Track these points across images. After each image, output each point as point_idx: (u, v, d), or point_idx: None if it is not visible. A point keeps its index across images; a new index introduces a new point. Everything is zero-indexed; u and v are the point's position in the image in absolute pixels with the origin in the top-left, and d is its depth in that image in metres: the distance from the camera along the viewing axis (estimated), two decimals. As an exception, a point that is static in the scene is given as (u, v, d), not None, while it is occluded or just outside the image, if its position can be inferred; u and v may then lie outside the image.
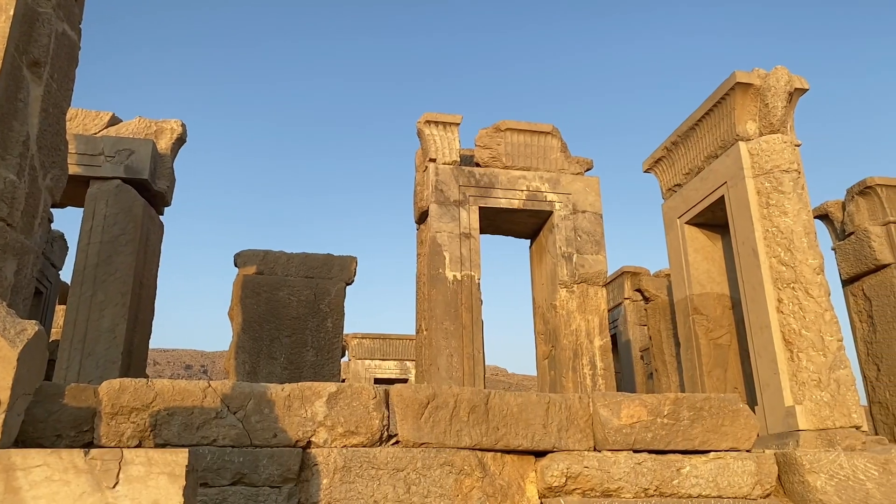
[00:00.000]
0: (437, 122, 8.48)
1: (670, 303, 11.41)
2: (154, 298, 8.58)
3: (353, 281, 9.76)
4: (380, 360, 17.40)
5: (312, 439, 4.60)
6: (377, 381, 17.49)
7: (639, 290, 11.95)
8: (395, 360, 17.52)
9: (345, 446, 4.61)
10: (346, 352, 17.86)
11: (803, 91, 6.98)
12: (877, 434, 8.99)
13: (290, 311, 9.25)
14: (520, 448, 4.79)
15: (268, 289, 9.35)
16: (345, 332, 17.96)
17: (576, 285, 8.36)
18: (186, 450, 2.69)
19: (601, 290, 8.40)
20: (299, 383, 4.73)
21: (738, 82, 6.91)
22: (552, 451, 4.80)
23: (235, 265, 9.71)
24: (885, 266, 8.97)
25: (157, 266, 8.73)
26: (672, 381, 11.05)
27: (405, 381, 17.41)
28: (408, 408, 4.69)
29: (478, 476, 4.59)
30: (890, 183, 9.20)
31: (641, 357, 12.62)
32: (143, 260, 8.15)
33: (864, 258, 9.15)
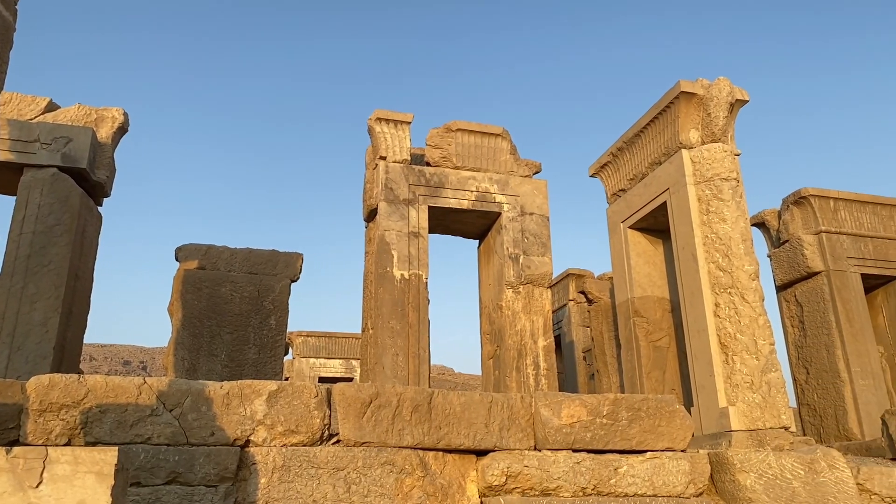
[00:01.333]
0: (388, 120, 8.44)
1: (612, 305, 11.65)
2: (90, 292, 8.29)
3: (298, 278, 9.63)
4: (325, 358, 17.22)
5: (251, 438, 4.52)
6: (322, 379, 17.31)
7: (583, 292, 12.16)
8: (340, 358, 17.38)
9: (284, 445, 4.54)
10: (291, 350, 17.62)
11: (744, 102, 7.21)
12: (805, 435, 9.36)
13: (233, 308, 9.07)
14: (462, 447, 4.81)
15: (210, 284, 9.15)
16: (289, 329, 17.72)
17: (522, 286, 8.44)
18: (116, 448, 2.61)
19: (546, 292, 8.50)
20: (239, 381, 4.65)
21: (683, 91, 7.10)
22: (494, 451, 4.84)
23: (177, 259, 9.47)
24: (816, 273, 9.34)
25: (95, 258, 8.44)
26: (613, 382, 11.27)
27: (351, 379, 17.28)
28: (350, 407, 4.65)
29: (419, 475, 4.59)
30: (823, 194, 9.59)
31: (584, 358, 12.83)
32: (79, 252, 7.87)
33: (797, 266, 9.51)
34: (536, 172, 9.19)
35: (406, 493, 4.52)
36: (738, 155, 7.11)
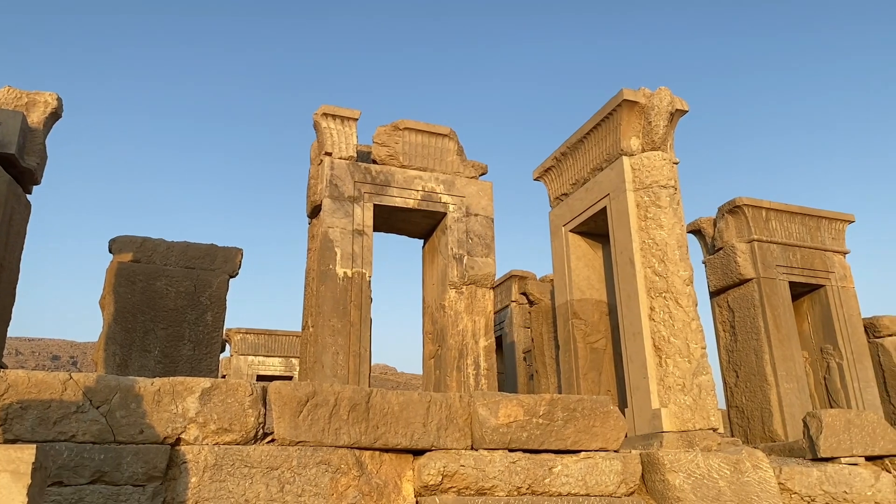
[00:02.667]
0: (334, 116, 8.35)
1: (553, 307, 11.83)
2: (16, 283, 7.93)
3: (237, 273, 9.43)
4: (264, 356, 16.93)
5: (182, 436, 4.40)
6: (261, 377, 17.00)
7: (525, 294, 12.30)
8: (280, 356, 17.11)
9: (217, 444, 4.44)
10: (228, 347, 17.26)
11: (683, 112, 7.43)
12: (733, 436, 9.70)
13: (168, 303, 8.82)
14: (399, 447, 4.80)
15: (144, 278, 8.87)
16: (227, 326, 17.35)
17: (465, 286, 8.48)
18: (34, 446, 2.50)
19: (489, 293, 8.56)
20: (171, 378, 4.52)
21: (625, 99, 7.26)
22: (431, 450, 4.85)
23: (110, 251, 9.15)
24: (747, 280, 9.69)
25: (22, 249, 8.08)
26: (551, 383, 11.44)
27: (291, 378, 17.03)
28: (286, 405, 4.59)
29: (354, 475, 4.56)
30: (756, 204, 9.96)
31: (524, 358, 12.99)
32: (4, 241, 7.52)
33: (730, 272, 9.85)
34: (482, 174, 9.24)
35: (341, 492, 4.49)
36: (676, 163, 7.32)
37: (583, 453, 5.09)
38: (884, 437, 6.13)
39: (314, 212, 8.37)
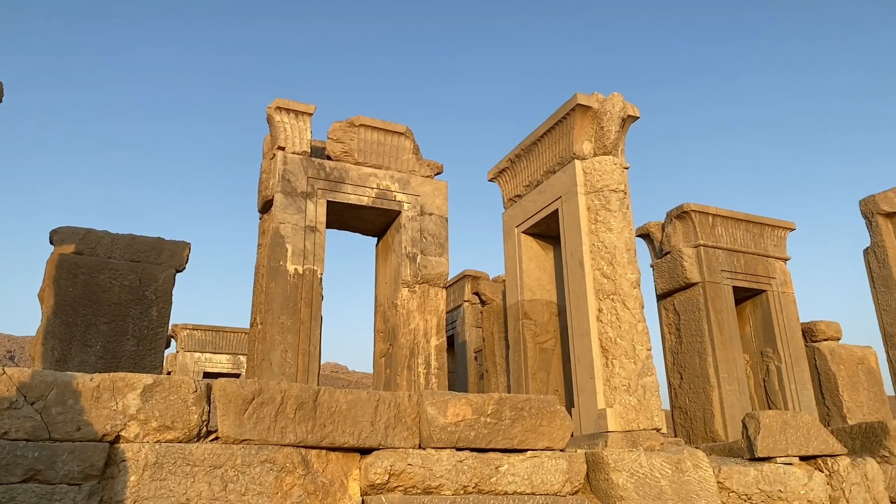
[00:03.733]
0: (289, 110, 8.24)
1: (504, 307, 11.92)
2: (-52, 273, 7.60)
3: (184, 268, 9.22)
4: (211, 353, 16.60)
5: (122, 434, 4.29)
6: (207, 374, 16.66)
7: (477, 294, 12.36)
8: (228, 353, 16.80)
9: (158, 441, 4.34)
10: (174, 343, 16.88)
11: (635, 118, 7.57)
12: (676, 436, 9.94)
13: (111, 297, 8.56)
14: (346, 445, 4.77)
15: (87, 270, 8.59)
16: (173, 322, 16.95)
17: (418, 285, 8.47)
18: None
19: (442, 292, 8.58)
20: (111, 373, 4.40)
21: (579, 104, 7.36)
22: (378, 449, 4.83)
23: (51, 243, 8.83)
24: (693, 284, 9.94)
25: (-45, 237, 7.75)
26: (500, 382, 11.53)
27: (238, 376, 16.74)
28: (231, 403, 4.51)
29: (300, 473, 4.51)
30: (703, 210, 10.22)
31: (475, 358, 13.05)
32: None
33: (677, 276, 10.09)
34: (438, 173, 9.25)
35: (286, 491, 4.43)
36: (627, 168, 7.45)
37: (529, 452, 5.14)
38: (817, 437, 6.37)
39: (265, 207, 8.25)
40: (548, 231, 8.27)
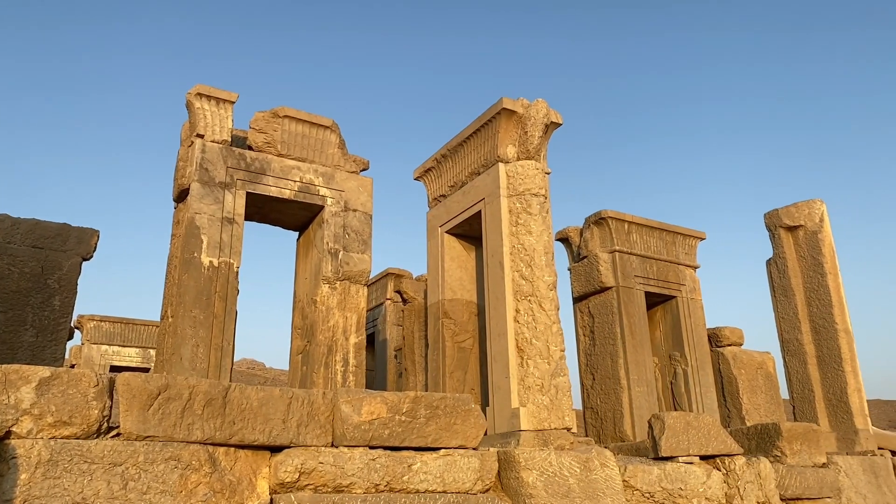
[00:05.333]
0: (209, 97, 7.99)
1: (425, 306, 11.96)
2: None
3: (91, 256, 8.78)
4: (119, 346, 15.90)
5: (14, 429, 4.05)
6: (115, 369, 15.95)
7: (399, 292, 12.35)
8: (138, 347, 16.13)
9: (54, 438, 4.12)
10: (80, 335, 16.08)
11: (558, 125, 7.74)
12: (587, 436, 10.23)
13: (10, 284, 8.06)
14: (256, 443, 4.66)
15: (-18, 255, 8.05)
16: (80, 312, 16.16)
17: (339, 282, 8.38)
18: None
19: (363, 289, 8.52)
20: (4, 366, 4.15)
21: (504, 108, 7.46)
22: (290, 447, 4.75)
23: (-56, 224, 8.23)
24: (608, 288, 10.25)
25: None
26: (419, 381, 11.57)
27: (148, 370, 16.11)
28: (135, 398, 4.33)
29: (206, 471, 4.38)
30: (619, 217, 10.56)
31: (395, 356, 13.04)
32: None
33: (593, 280, 10.38)
34: (364, 169, 9.18)
35: (190, 489, 4.29)
36: (548, 173, 7.61)
37: (443, 450, 5.17)
38: (717, 438, 6.69)
39: (181, 196, 7.97)
40: (470, 232, 8.35)
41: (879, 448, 10.00)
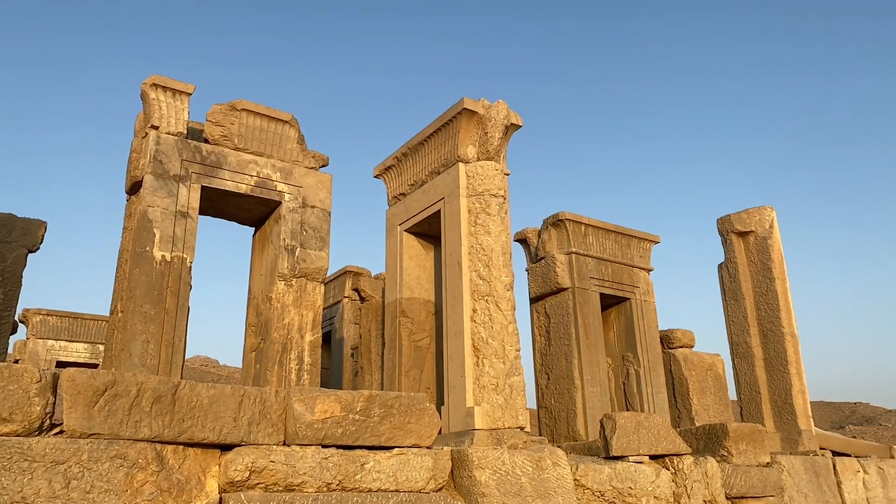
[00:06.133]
0: (165, 88, 7.82)
1: (383, 304, 11.92)
2: None
3: (38, 248, 8.50)
4: (67, 341, 15.43)
5: (-51, 426, 3.90)
6: (62, 364, 15.48)
7: (357, 290, 12.28)
8: (86, 342, 15.68)
9: (-8, 435, 3.98)
10: (25, 329, 15.56)
11: (518, 127, 7.79)
12: (541, 435, 10.33)
13: (-51, 275, 7.76)
14: (206, 441, 4.58)
15: (-80, 245, 7.73)
16: (25, 306, 15.64)
17: (295, 279, 8.29)
18: None
19: (320, 287, 8.44)
20: (-60, 360, 3.99)
21: (465, 108, 7.48)
22: (241, 445, 4.68)
23: None
24: (564, 289, 10.37)
25: None
26: (375, 379, 11.52)
27: (97, 366, 15.68)
28: (79, 395, 4.21)
29: (153, 470, 4.29)
30: (576, 219, 10.69)
31: (352, 355, 12.96)
32: None
33: (549, 281, 10.49)
34: (323, 165, 9.09)
35: (136, 488, 4.20)
36: (507, 174, 7.66)
37: (396, 449, 5.16)
38: (666, 438, 6.82)
39: (133, 188, 7.78)
40: (430, 231, 8.35)
41: (821, 448, 10.35)
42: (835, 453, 10.05)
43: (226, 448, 4.71)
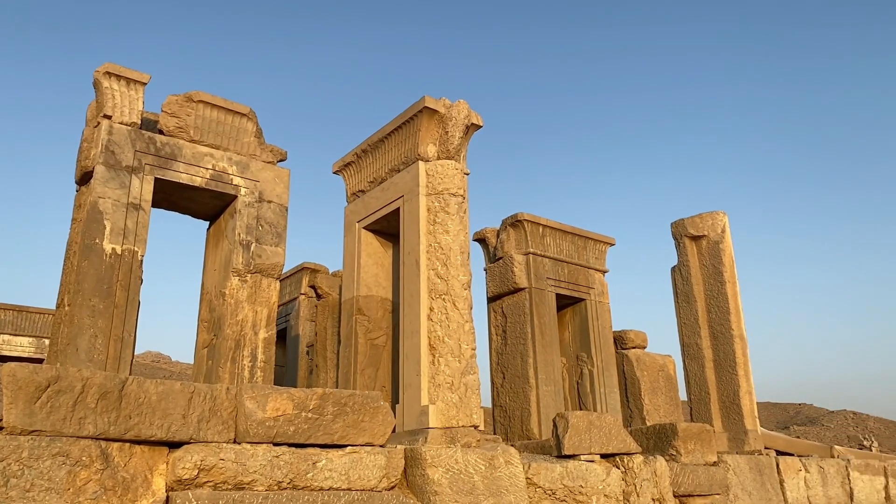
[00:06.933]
0: (119, 76, 7.62)
1: (340, 302, 11.83)
2: None
3: (-19, 238, 8.23)
4: (11, 335, 14.93)
5: None
6: (5, 359, 14.97)
7: (313, 287, 12.17)
8: (31, 336, 15.20)
9: (-74, 432, 3.83)
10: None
11: (478, 127, 7.82)
12: (496, 434, 10.40)
13: None
14: (153, 438, 4.48)
15: None
16: (-34, 298, 15.08)
17: (250, 275, 8.17)
18: None
19: (275, 283, 8.34)
20: None
21: (426, 107, 7.48)
22: (190, 443, 4.59)
23: None
24: (521, 289, 10.46)
25: None
26: (330, 377, 11.44)
27: (43, 361, 15.20)
28: (21, 390, 4.08)
29: (97, 468, 4.18)
30: (534, 220, 10.78)
31: (307, 352, 12.83)
32: None
33: (507, 280, 10.56)
34: (281, 160, 8.98)
35: (79, 487, 4.08)
36: (467, 174, 7.68)
37: (349, 448, 5.14)
38: (617, 437, 6.94)
39: (84, 179, 7.57)
40: (388, 228, 8.32)
41: (766, 448, 10.66)
42: (779, 453, 10.36)
43: (174, 446, 4.62)
